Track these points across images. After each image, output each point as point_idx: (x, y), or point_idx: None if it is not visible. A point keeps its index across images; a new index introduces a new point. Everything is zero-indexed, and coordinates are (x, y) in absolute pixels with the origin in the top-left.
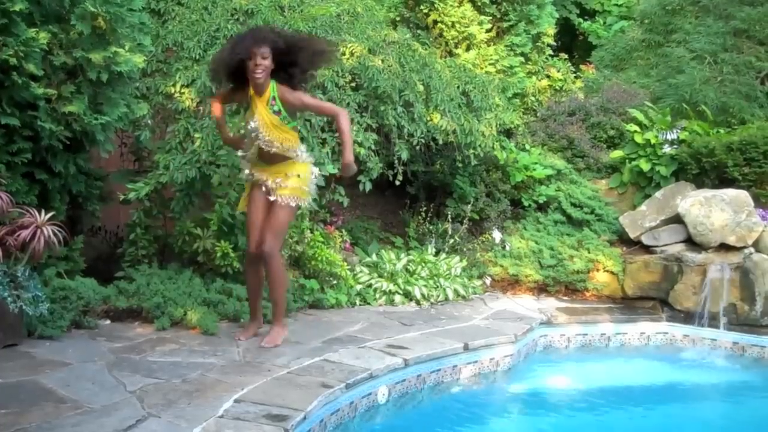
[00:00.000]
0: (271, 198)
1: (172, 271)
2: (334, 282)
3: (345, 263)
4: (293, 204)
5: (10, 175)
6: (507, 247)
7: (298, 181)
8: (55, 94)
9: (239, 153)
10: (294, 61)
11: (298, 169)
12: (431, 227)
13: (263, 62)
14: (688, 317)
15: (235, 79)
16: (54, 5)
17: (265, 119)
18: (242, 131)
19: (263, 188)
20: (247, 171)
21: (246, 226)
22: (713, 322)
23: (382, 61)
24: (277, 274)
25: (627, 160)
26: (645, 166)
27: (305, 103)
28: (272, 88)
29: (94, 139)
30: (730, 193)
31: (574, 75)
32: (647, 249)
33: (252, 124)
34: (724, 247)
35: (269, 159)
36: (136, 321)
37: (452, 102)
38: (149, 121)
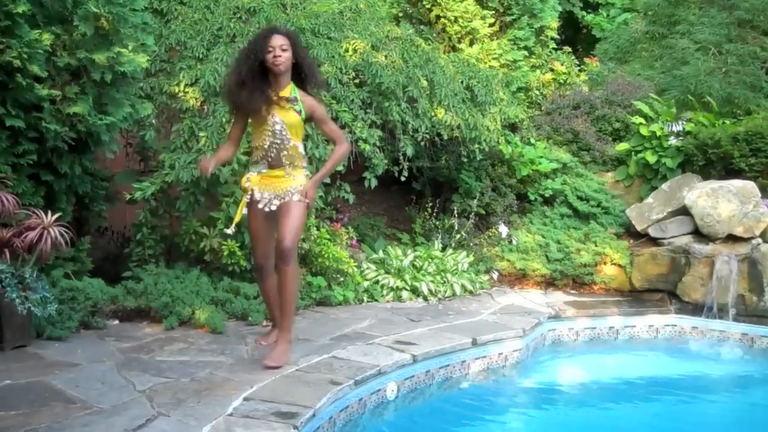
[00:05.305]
0: (291, 197)
1: (180, 270)
2: (341, 279)
3: (352, 260)
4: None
5: (16, 177)
6: (514, 242)
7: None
8: (60, 95)
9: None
10: (310, 65)
11: (300, 180)
12: (437, 223)
13: (283, 53)
14: (696, 309)
15: (252, 84)
16: (57, 6)
17: (286, 119)
18: (253, 142)
19: (261, 205)
20: (248, 183)
21: (251, 238)
22: (722, 313)
23: (386, 57)
24: (292, 278)
25: (633, 153)
26: (651, 158)
27: (318, 112)
28: (293, 88)
29: (99, 139)
30: (736, 184)
31: (578, 68)
32: (654, 241)
33: (276, 119)
34: (732, 238)
35: (276, 167)
36: (145, 321)
37: (456, 97)
38: (154, 121)
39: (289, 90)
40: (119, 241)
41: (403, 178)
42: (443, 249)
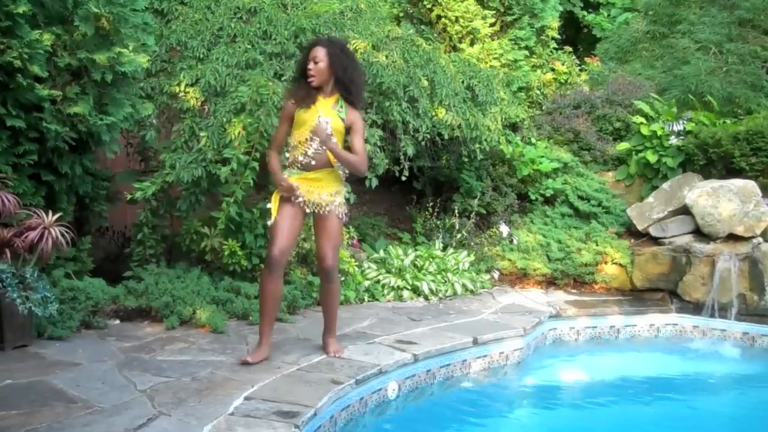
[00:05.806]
0: (328, 208)
1: (180, 270)
2: (342, 278)
3: (353, 260)
4: (343, 216)
5: (16, 177)
6: (515, 241)
7: (342, 199)
8: (60, 95)
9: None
10: (351, 80)
11: (339, 188)
12: (438, 222)
13: (315, 66)
14: (697, 308)
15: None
16: (57, 7)
17: (332, 121)
18: (296, 136)
19: (300, 203)
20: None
21: (272, 230)
22: (722, 312)
23: (386, 56)
24: (337, 293)
25: (633, 152)
26: (651, 157)
27: (358, 124)
28: (338, 98)
29: (100, 139)
30: (737, 183)
31: (579, 68)
32: (655, 241)
33: (321, 119)
34: (733, 238)
35: (317, 168)
36: (146, 320)
37: (457, 97)
38: (154, 121)
39: (334, 100)
40: (120, 240)
41: (403, 178)
42: (444, 248)
